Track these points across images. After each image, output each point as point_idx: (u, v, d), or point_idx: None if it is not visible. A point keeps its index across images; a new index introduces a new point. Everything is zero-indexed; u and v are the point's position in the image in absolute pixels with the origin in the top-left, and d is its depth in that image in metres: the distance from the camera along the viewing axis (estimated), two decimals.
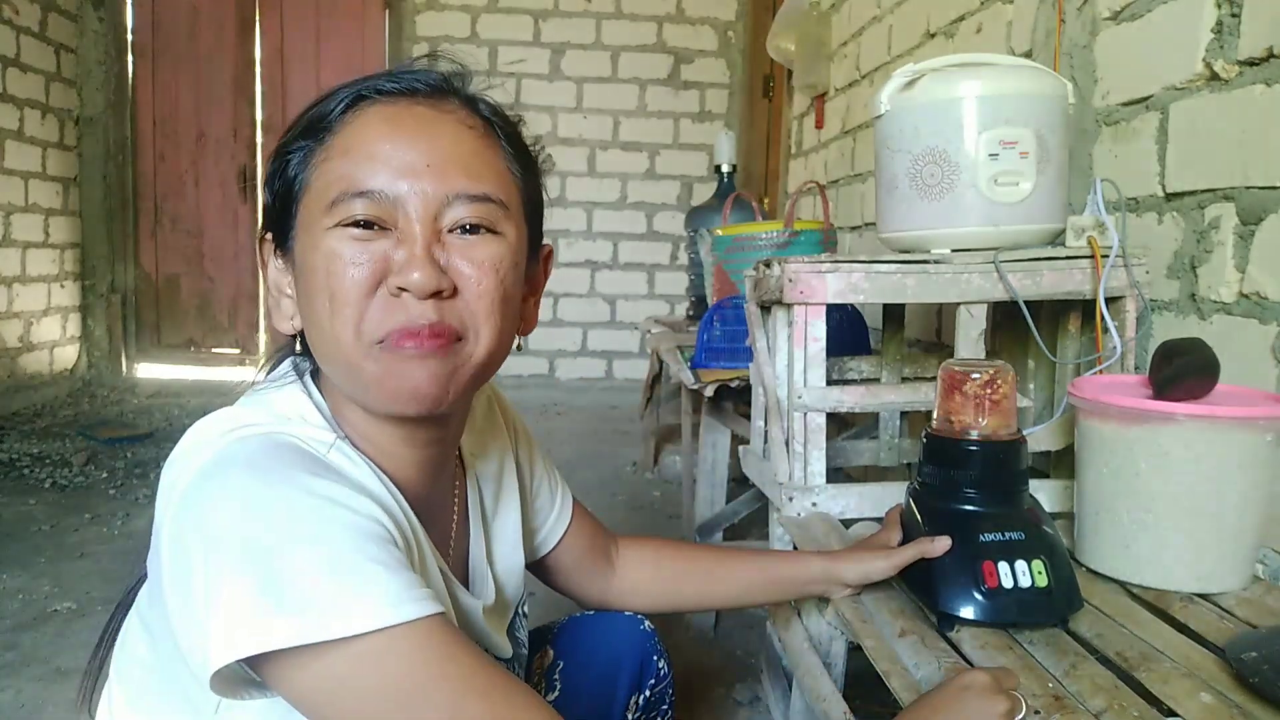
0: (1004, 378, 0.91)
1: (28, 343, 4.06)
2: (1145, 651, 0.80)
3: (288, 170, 0.69)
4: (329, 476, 0.62)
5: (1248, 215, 1.13)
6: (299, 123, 0.70)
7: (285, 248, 0.70)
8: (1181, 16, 1.26)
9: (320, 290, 0.65)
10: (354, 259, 0.64)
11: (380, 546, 0.59)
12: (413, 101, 0.68)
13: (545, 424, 4.01)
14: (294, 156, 0.69)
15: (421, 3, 4.50)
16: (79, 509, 2.61)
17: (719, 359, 1.94)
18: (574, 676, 0.98)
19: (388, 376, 0.65)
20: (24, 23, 3.94)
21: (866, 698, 1.42)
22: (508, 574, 0.88)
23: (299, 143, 0.69)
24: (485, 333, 0.68)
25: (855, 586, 0.98)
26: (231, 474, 0.60)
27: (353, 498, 0.61)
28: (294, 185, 0.68)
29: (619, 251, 4.68)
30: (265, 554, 0.56)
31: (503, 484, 0.90)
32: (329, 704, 0.58)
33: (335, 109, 0.68)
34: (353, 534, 0.59)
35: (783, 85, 3.79)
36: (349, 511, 0.60)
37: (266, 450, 0.63)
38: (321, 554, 0.57)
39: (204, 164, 4.68)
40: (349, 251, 0.64)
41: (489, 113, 0.72)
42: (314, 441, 0.66)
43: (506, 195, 0.69)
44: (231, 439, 0.64)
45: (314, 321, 0.67)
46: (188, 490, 0.61)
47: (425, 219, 0.65)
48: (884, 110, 1.25)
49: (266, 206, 0.72)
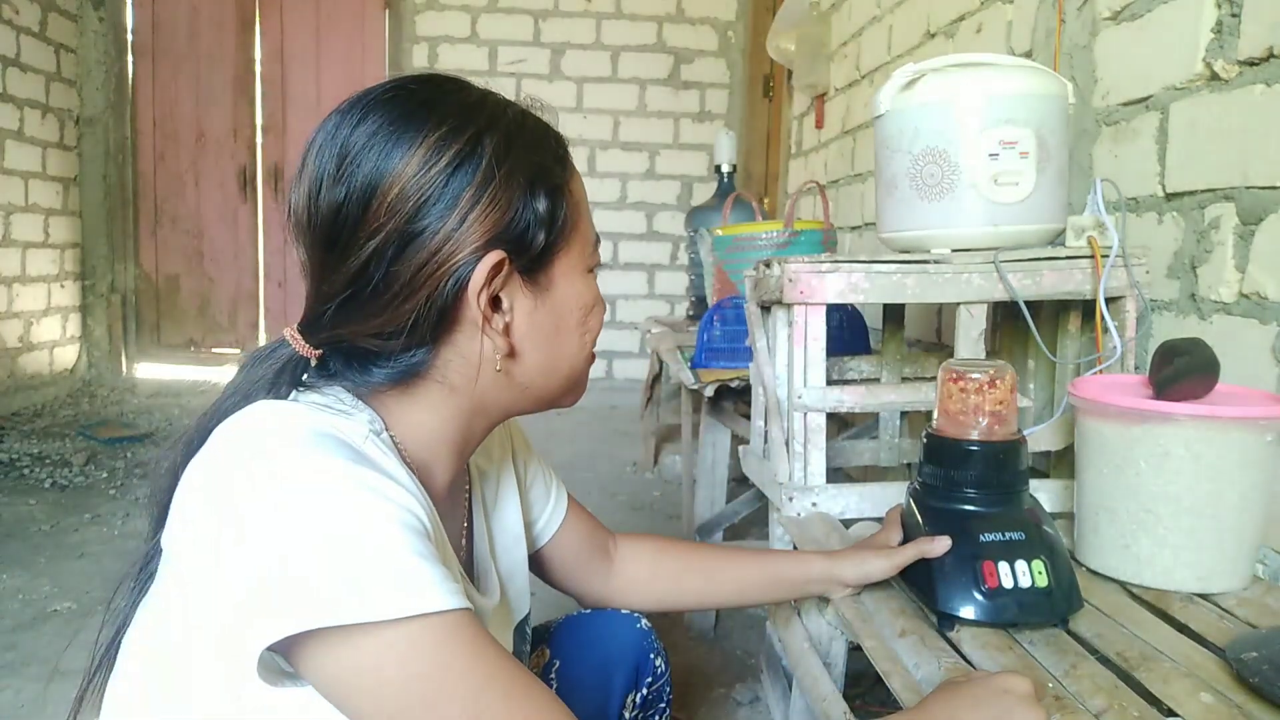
0: (1004, 378, 0.91)
1: (28, 343, 4.06)
2: (1145, 651, 0.80)
3: (558, 208, 0.72)
4: (367, 464, 0.62)
5: (1248, 215, 1.13)
6: (543, 151, 0.73)
7: (532, 278, 0.72)
8: (1181, 16, 1.26)
9: (579, 325, 0.75)
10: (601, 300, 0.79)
11: (417, 538, 0.60)
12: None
13: (546, 424, 4.00)
14: (559, 195, 0.72)
15: (421, 3, 4.50)
16: (79, 509, 2.61)
17: (719, 359, 1.94)
18: (570, 675, 0.98)
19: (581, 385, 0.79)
20: (24, 23, 3.94)
21: (867, 698, 1.42)
22: (511, 570, 0.89)
23: (558, 176, 0.73)
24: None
25: (855, 586, 0.98)
26: (277, 456, 0.60)
27: (391, 488, 0.61)
28: (564, 221, 0.72)
29: (619, 251, 4.68)
30: (310, 537, 0.56)
31: (502, 479, 0.91)
32: (356, 691, 0.58)
33: (555, 149, 0.74)
34: (393, 524, 0.59)
35: (783, 85, 3.79)
36: (388, 502, 0.60)
37: (309, 436, 0.62)
38: (362, 541, 0.57)
39: (204, 164, 4.68)
40: (598, 292, 0.77)
41: None
42: (350, 432, 0.65)
43: None
44: (273, 423, 0.63)
45: (557, 347, 0.74)
46: (230, 468, 0.60)
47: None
48: (884, 110, 1.25)
49: (522, 235, 0.69)
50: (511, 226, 0.68)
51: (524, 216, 0.69)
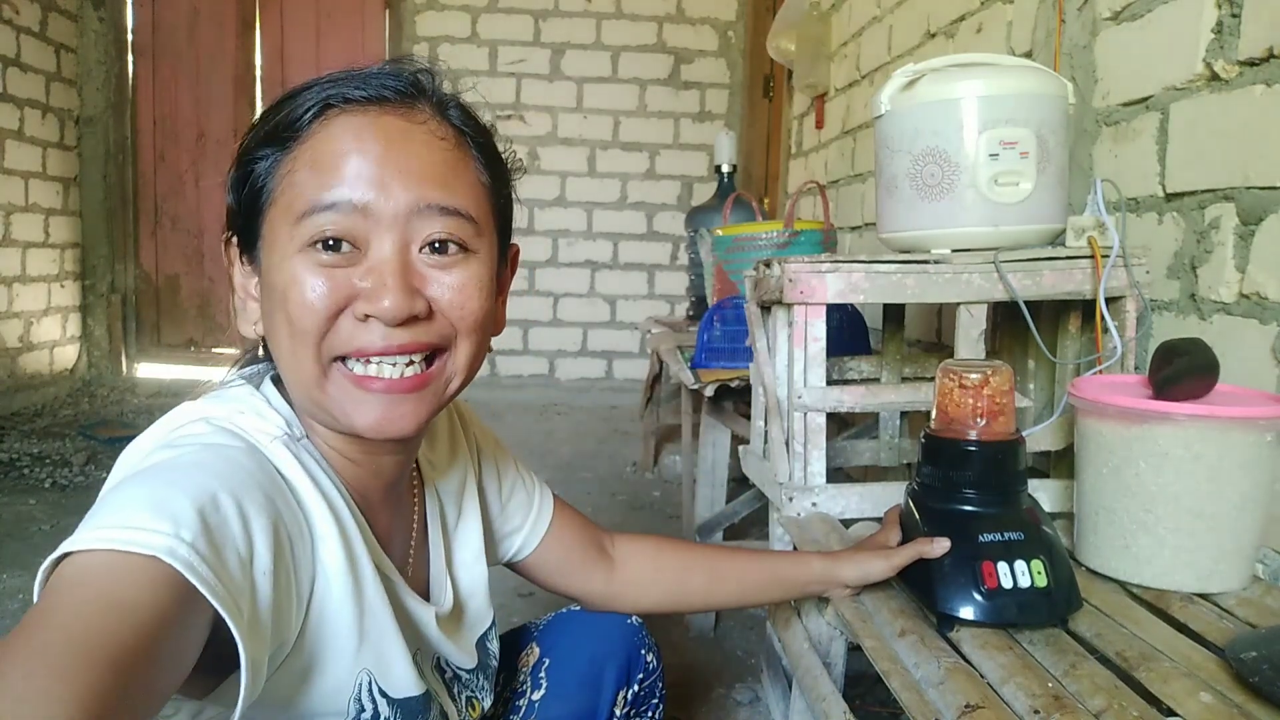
0: (1003, 378, 0.91)
1: (28, 342, 4.06)
2: (1145, 651, 0.80)
3: (254, 177, 0.67)
4: (242, 452, 0.63)
5: (1248, 215, 1.13)
6: (264, 126, 0.68)
7: (251, 255, 0.69)
8: (1181, 17, 1.26)
9: (279, 312, 0.65)
10: (318, 288, 0.63)
11: (195, 512, 0.54)
12: (382, 111, 0.66)
13: (545, 424, 4.01)
14: (260, 163, 0.67)
15: (422, 3, 4.50)
16: (79, 509, 2.59)
17: (719, 359, 1.94)
18: (560, 673, 0.98)
19: (348, 401, 0.66)
20: (24, 23, 3.94)
21: (866, 698, 1.42)
22: (472, 585, 0.88)
23: (265, 149, 0.67)
24: (465, 352, 0.69)
25: (855, 587, 0.98)
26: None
27: (244, 477, 0.60)
28: (261, 194, 0.67)
29: (619, 252, 4.68)
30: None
31: (464, 499, 0.89)
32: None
33: (303, 116, 0.66)
34: (188, 496, 0.55)
35: (783, 85, 3.79)
36: (218, 481, 0.58)
37: (204, 426, 0.65)
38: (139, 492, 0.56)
39: (204, 164, 4.68)
40: (314, 280, 0.63)
41: (460, 121, 0.70)
42: (257, 433, 0.66)
43: (478, 210, 0.69)
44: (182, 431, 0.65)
45: (275, 337, 0.67)
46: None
47: (397, 237, 0.64)
48: (884, 110, 1.25)
49: (231, 209, 0.70)
50: (235, 201, 0.69)
51: (237, 193, 0.69)
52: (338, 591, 0.66)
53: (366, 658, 0.69)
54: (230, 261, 0.72)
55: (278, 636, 0.60)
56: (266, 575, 0.57)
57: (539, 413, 4.23)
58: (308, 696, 0.66)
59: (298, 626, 0.64)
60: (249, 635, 0.53)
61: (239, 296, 0.72)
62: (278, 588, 0.59)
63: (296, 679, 0.65)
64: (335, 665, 0.67)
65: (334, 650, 0.67)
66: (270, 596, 0.57)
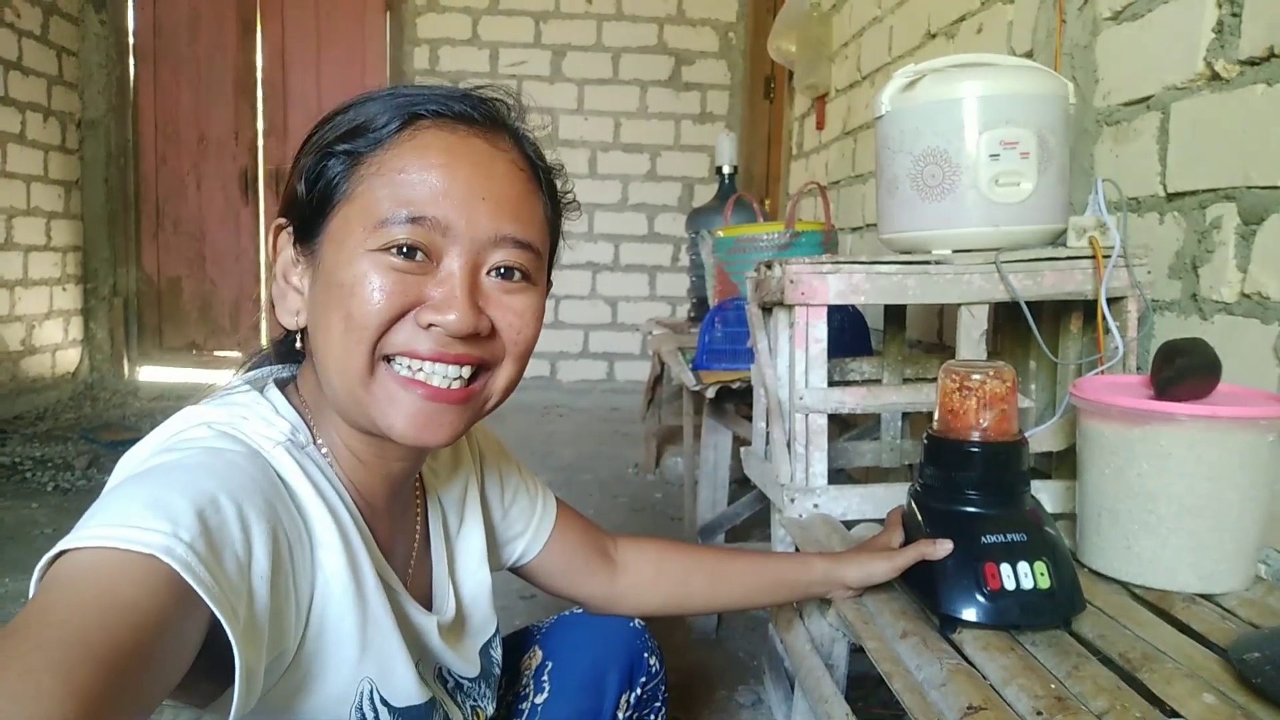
0: (1005, 378, 0.91)
1: (30, 346, 4.06)
2: (1148, 652, 0.79)
3: (328, 171, 0.67)
4: (245, 456, 0.63)
5: (1249, 215, 1.13)
6: (341, 123, 0.68)
7: (308, 245, 0.69)
8: (1182, 16, 1.26)
9: (339, 307, 0.65)
10: (386, 288, 0.64)
11: (194, 514, 0.54)
12: (470, 132, 0.68)
13: (546, 426, 4.01)
14: (337, 159, 0.67)
15: (422, 5, 4.51)
16: (81, 512, 2.55)
17: (720, 360, 1.94)
18: (563, 677, 0.97)
19: (389, 401, 0.66)
20: (25, 26, 3.94)
21: (869, 699, 1.42)
22: (475, 592, 0.88)
23: (344, 145, 0.67)
24: (507, 374, 0.71)
25: (857, 588, 0.98)
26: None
27: (240, 479, 0.60)
28: (334, 189, 0.67)
29: (620, 253, 4.68)
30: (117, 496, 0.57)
31: (466, 506, 0.89)
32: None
33: (389, 123, 0.67)
34: (188, 499, 0.55)
35: (784, 86, 3.79)
36: (217, 484, 0.57)
37: (206, 431, 0.65)
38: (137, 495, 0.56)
39: (205, 166, 4.68)
40: (383, 280, 0.64)
41: (534, 155, 0.73)
42: (259, 438, 0.66)
43: (543, 244, 0.72)
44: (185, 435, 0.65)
45: (326, 329, 0.67)
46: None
47: (470, 256, 0.66)
48: (885, 111, 1.25)
49: (294, 197, 0.70)
50: (296, 191, 0.70)
51: (308, 182, 0.69)
52: (339, 598, 0.66)
53: (368, 666, 0.69)
54: (276, 248, 0.72)
55: (277, 644, 0.60)
56: (264, 581, 0.57)
57: (540, 414, 4.23)
58: (309, 705, 0.66)
59: (298, 634, 0.63)
60: (244, 639, 0.53)
61: (279, 285, 0.72)
62: (276, 594, 0.59)
63: (298, 687, 0.65)
64: (337, 673, 0.67)
65: (336, 658, 0.67)
66: (268, 602, 0.57)
